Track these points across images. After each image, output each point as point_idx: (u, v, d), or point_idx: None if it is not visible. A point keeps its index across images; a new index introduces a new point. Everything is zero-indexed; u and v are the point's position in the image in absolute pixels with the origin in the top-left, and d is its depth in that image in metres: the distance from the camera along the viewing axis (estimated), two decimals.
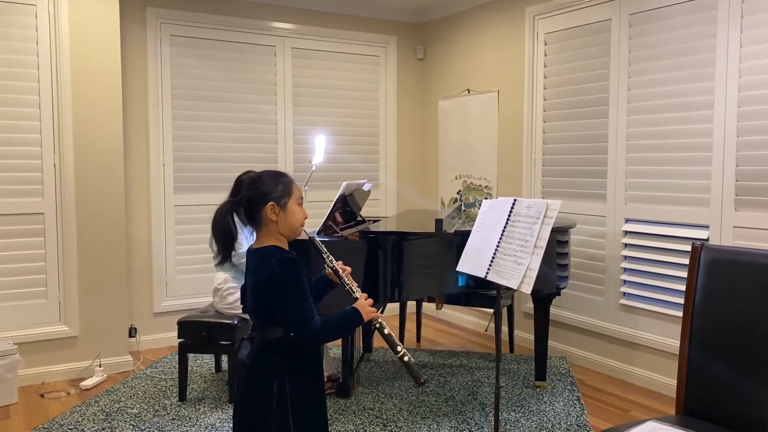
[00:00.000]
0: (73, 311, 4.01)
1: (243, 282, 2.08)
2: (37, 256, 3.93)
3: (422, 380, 1.96)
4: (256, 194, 1.91)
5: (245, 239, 3.35)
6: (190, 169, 4.77)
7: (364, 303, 1.96)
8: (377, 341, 4.76)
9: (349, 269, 2.07)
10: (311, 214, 5.20)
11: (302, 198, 1.98)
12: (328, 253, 2.05)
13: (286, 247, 1.95)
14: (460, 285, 3.36)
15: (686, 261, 2.39)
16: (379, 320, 1.97)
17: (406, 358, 1.94)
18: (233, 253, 1.98)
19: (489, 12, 4.97)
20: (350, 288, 2.01)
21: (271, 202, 1.89)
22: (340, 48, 5.37)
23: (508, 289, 2.64)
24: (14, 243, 3.86)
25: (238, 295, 3.54)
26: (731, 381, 1.93)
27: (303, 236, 2.02)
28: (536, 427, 3.22)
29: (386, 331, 1.96)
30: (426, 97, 5.77)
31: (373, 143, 5.62)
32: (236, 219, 1.96)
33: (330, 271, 2.05)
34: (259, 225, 1.93)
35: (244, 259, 3.45)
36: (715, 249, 2.09)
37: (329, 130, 5.22)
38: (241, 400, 1.95)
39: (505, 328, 4.49)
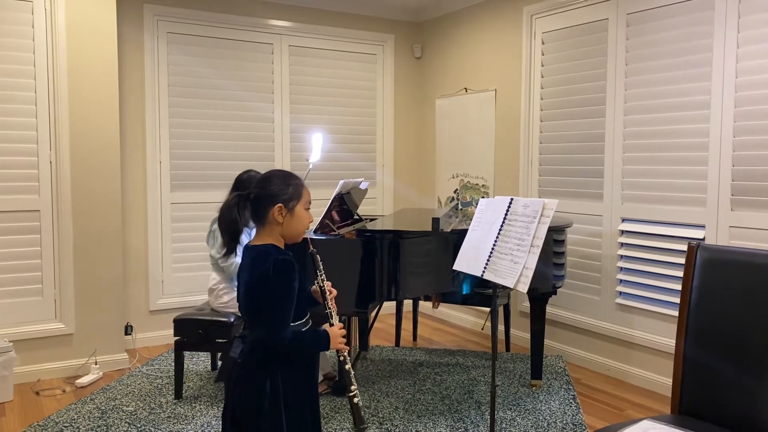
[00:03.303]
0: (69, 309, 4.00)
1: (236, 282, 2.07)
2: (32, 253, 3.92)
3: (362, 426, 1.96)
4: (265, 193, 1.89)
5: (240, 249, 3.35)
6: (186, 167, 4.76)
7: (337, 332, 1.96)
8: (374, 340, 4.76)
9: (335, 293, 2.06)
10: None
11: (310, 203, 1.97)
12: (323, 272, 2.04)
13: (282, 246, 1.94)
14: (464, 293, 3.38)
15: (682, 260, 2.40)
16: (345, 353, 1.97)
17: (355, 400, 1.96)
18: (227, 258, 1.97)
19: (487, 11, 4.97)
20: (330, 312, 2.01)
21: (280, 204, 1.88)
22: (338, 46, 5.36)
23: (504, 287, 2.64)
24: (10, 240, 3.85)
25: (233, 294, 3.54)
26: (726, 380, 1.94)
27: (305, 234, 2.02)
28: (532, 426, 3.23)
29: (347, 367, 1.97)
30: (423, 95, 5.77)
31: (370, 142, 5.61)
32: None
33: (317, 288, 2.04)
34: (262, 223, 1.92)
35: (233, 268, 3.43)
36: (711, 249, 2.09)
37: (326, 129, 5.22)
38: (233, 399, 1.94)
39: (501, 327, 4.49)
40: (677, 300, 3.14)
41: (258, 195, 1.90)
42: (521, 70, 4.61)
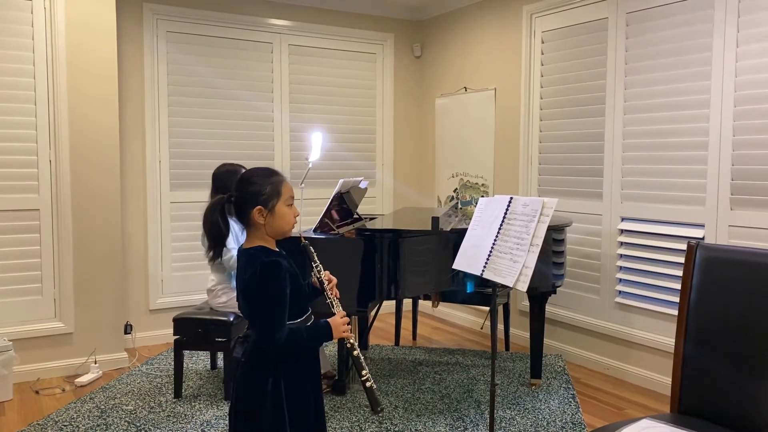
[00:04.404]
0: (69, 308, 4.00)
1: (234, 283, 2.08)
2: (32, 252, 3.92)
3: (379, 409, 1.94)
4: (244, 195, 1.88)
5: (234, 240, 3.35)
6: (186, 165, 4.76)
7: (339, 321, 1.95)
8: (374, 339, 4.77)
9: (335, 281, 2.05)
10: (308, 211, 5.17)
11: (293, 197, 1.94)
12: (318, 263, 2.04)
13: (273, 246, 1.94)
14: (466, 292, 3.38)
15: (682, 259, 2.40)
16: (351, 340, 1.96)
17: (368, 384, 1.94)
18: (214, 260, 1.96)
19: (486, 10, 4.97)
20: (331, 302, 2.00)
21: (259, 206, 1.87)
22: (338, 45, 5.36)
23: (504, 286, 2.65)
24: (9, 239, 3.85)
25: (231, 295, 3.54)
26: (726, 379, 1.94)
27: (296, 233, 2.02)
28: (531, 425, 3.23)
29: (356, 353, 1.96)
30: (423, 94, 5.77)
31: (370, 141, 5.61)
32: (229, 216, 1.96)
33: (315, 279, 2.04)
34: (247, 225, 1.92)
35: (231, 262, 3.45)
36: (710, 248, 2.10)
37: (326, 128, 5.22)
38: (237, 399, 1.94)
39: (500, 326, 4.50)
40: (676, 299, 3.14)
41: (238, 197, 1.89)
42: (521, 69, 4.61)
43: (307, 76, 5.23)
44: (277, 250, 1.95)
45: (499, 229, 2.62)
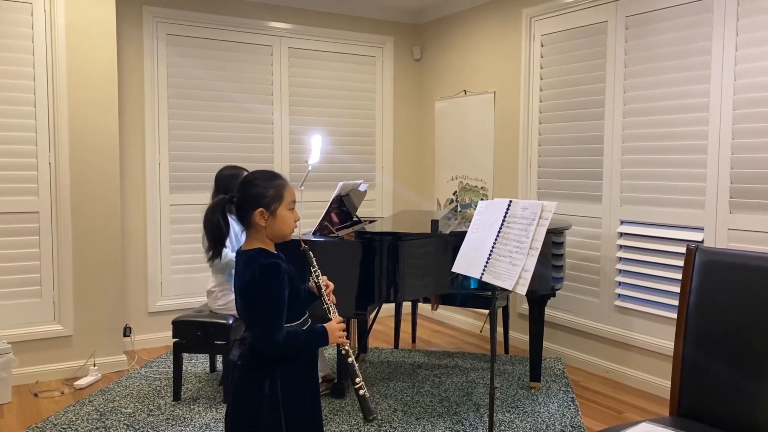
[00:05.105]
0: (68, 310, 4.00)
1: (232, 283, 2.07)
2: (31, 254, 3.92)
3: (371, 417, 1.93)
4: (246, 197, 1.89)
5: (231, 243, 3.35)
6: (185, 168, 4.76)
7: (335, 326, 1.95)
8: (373, 341, 4.76)
9: (332, 286, 2.05)
10: (307, 214, 5.18)
11: (294, 202, 1.95)
12: (317, 268, 2.04)
13: (272, 249, 1.94)
14: (472, 287, 3.39)
15: (681, 263, 2.40)
16: (346, 347, 1.96)
17: (361, 392, 1.93)
18: (212, 261, 1.98)
19: (486, 13, 4.98)
20: (328, 307, 2.00)
21: (260, 209, 1.87)
22: (337, 48, 5.37)
23: (503, 290, 2.65)
24: (8, 242, 3.85)
25: (230, 297, 3.53)
26: (725, 383, 1.94)
27: (295, 236, 2.02)
28: (530, 428, 3.23)
29: (350, 360, 1.96)
30: (423, 97, 5.77)
31: (369, 143, 5.62)
32: (229, 217, 1.96)
33: (313, 284, 2.04)
34: (248, 227, 1.93)
35: (224, 261, 3.46)
36: (709, 251, 2.10)
37: (326, 130, 5.22)
38: (234, 401, 1.94)
39: (500, 329, 4.49)
40: (676, 302, 3.13)
41: (240, 199, 1.90)
42: (520, 73, 4.62)
43: (306, 79, 5.23)
44: (276, 252, 1.95)
45: (499, 232, 2.62)
